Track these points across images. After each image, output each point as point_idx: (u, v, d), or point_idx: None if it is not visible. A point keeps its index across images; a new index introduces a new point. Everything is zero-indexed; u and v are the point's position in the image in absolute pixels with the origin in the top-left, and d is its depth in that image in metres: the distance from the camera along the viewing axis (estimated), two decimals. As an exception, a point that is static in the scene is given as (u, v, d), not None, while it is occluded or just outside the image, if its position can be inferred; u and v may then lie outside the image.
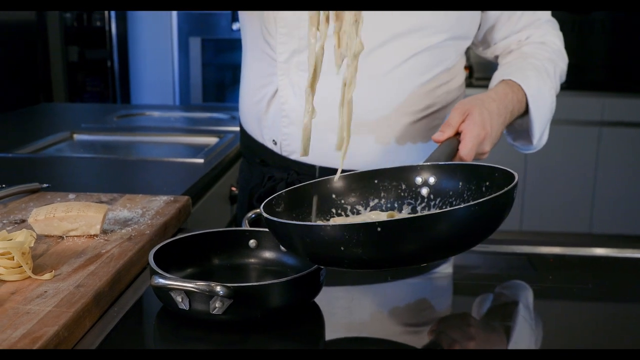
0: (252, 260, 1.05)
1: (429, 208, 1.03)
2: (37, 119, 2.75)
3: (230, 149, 2.08)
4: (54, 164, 1.90)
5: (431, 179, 1.04)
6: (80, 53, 5.21)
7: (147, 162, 1.92)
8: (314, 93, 0.96)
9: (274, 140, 1.37)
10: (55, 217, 1.09)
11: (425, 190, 1.04)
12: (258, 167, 1.44)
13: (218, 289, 0.82)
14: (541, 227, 4.36)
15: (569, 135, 4.21)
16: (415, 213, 1.03)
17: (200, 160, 1.87)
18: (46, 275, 0.93)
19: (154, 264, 0.91)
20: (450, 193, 1.01)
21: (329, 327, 0.92)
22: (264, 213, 0.90)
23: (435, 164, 1.04)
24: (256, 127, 1.42)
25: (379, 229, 0.78)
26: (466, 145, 1.14)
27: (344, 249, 0.80)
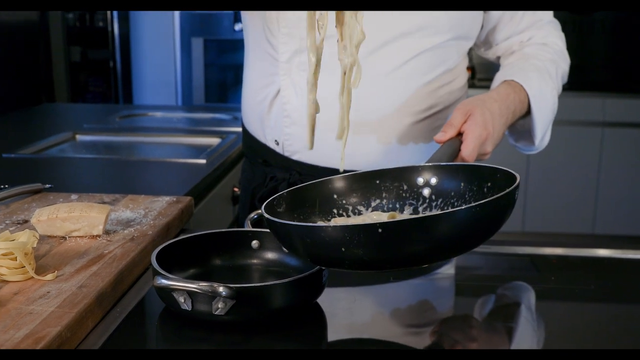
0: (255, 261, 1.05)
1: (431, 209, 1.03)
2: (40, 119, 2.76)
3: (233, 149, 2.08)
4: (57, 165, 1.91)
5: (433, 180, 1.04)
6: (83, 53, 5.21)
7: (150, 163, 1.92)
8: (316, 79, 0.96)
9: (276, 141, 1.37)
10: (57, 218, 1.09)
11: (427, 191, 1.04)
12: (260, 168, 1.44)
13: (220, 289, 0.83)
14: (544, 228, 4.36)
15: (571, 136, 4.20)
16: (417, 214, 1.03)
17: (203, 161, 1.87)
18: (49, 276, 0.93)
19: (157, 264, 0.91)
20: (452, 194, 1.01)
21: (331, 328, 0.92)
22: (265, 213, 0.90)
23: (437, 164, 1.04)
24: (258, 127, 1.42)
25: (379, 230, 0.78)
26: (468, 146, 1.14)
27: (345, 250, 0.80)
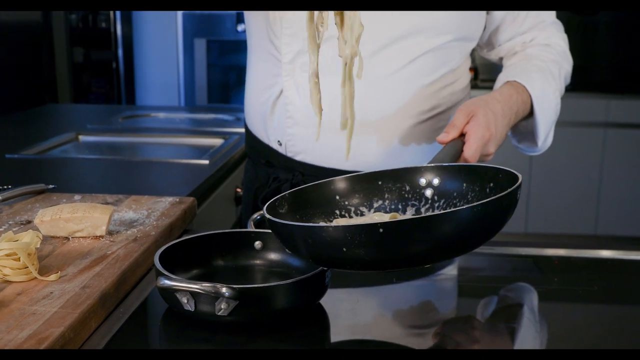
0: (258, 261, 1.05)
1: (433, 209, 1.03)
2: (43, 120, 2.76)
3: (236, 150, 2.08)
4: (60, 165, 1.91)
5: (435, 181, 1.04)
6: (86, 54, 5.21)
7: (153, 164, 1.93)
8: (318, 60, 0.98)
9: (279, 141, 1.38)
10: (61, 218, 1.09)
11: (429, 192, 1.04)
12: (263, 168, 1.45)
13: (223, 290, 0.83)
14: (546, 229, 4.35)
15: (574, 136, 4.20)
16: (420, 215, 1.03)
17: (206, 162, 1.87)
18: (52, 276, 0.93)
19: (160, 265, 0.91)
20: (454, 194, 1.01)
21: (334, 329, 0.92)
22: (267, 214, 0.90)
23: (439, 165, 1.04)
24: (261, 128, 1.42)
25: (381, 230, 0.78)
26: (470, 147, 1.14)
27: (346, 250, 0.80)
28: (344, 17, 0.97)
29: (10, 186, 1.34)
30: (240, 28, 4.48)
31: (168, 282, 0.85)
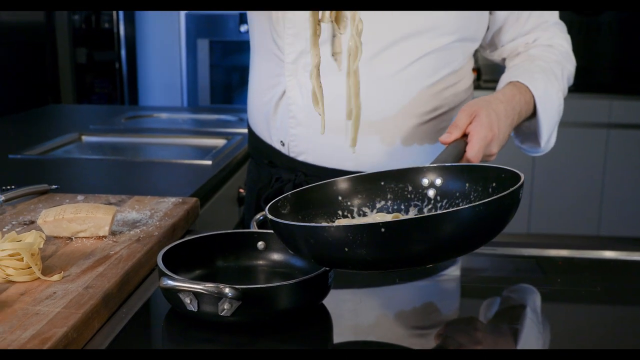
0: (260, 262, 1.05)
1: (436, 209, 1.03)
2: (46, 120, 2.76)
3: (238, 150, 2.09)
4: (63, 166, 1.91)
5: (438, 181, 1.03)
6: (89, 55, 5.22)
7: (155, 164, 1.93)
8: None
9: (281, 142, 1.38)
10: (64, 219, 1.10)
11: (431, 192, 1.04)
12: (266, 168, 1.45)
13: (226, 290, 0.83)
14: (549, 230, 4.35)
15: (577, 137, 4.20)
16: (422, 215, 1.03)
17: (209, 162, 1.87)
18: (55, 277, 0.93)
19: (163, 265, 0.91)
20: (457, 194, 1.01)
21: (337, 330, 0.92)
22: (269, 215, 0.90)
23: (441, 165, 1.04)
24: (264, 128, 1.42)
25: (382, 230, 0.78)
26: (473, 147, 1.14)
27: (348, 250, 0.80)
28: (343, 14, 0.99)
29: (13, 186, 1.34)
30: (243, 29, 4.48)
31: (171, 283, 0.85)
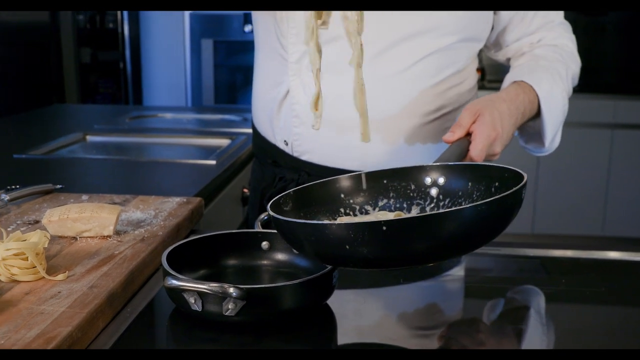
0: (265, 262, 1.05)
1: (438, 208, 1.02)
2: (50, 120, 2.77)
3: (242, 150, 2.09)
4: (67, 165, 1.91)
5: (440, 180, 1.03)
6: (93, 55, 5.24)
7: (160, 164, 1.93)
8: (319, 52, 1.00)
9: (285, 141, 1.38)
10: (68, 218, 1.10)
11: (434, 191, 1.03)
12: (270, 168, 1.45)
13: (231, 290, 0.83)
14: (553, 230, 4.34)
15: (581, 137, 4.19)
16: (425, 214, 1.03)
17: (213, 162, 1.88)
18: (60, 276, 0.93)
19: (167, 265, 0.91)
20: (460, 193, 1.01)
21: (341, 330, 0.92)
22: (271, 212, 0.90)
23: (444, 164, 1.04)
24: (268, 128, 1.42)
25: (384, 228, 0.78)
26: (477, 146, 1.13)
27: (349, 248, 0.80)
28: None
29: (18, 186, 1.34)
30: (247, 29, 4.49)
31: (175, 282, 0.85)
